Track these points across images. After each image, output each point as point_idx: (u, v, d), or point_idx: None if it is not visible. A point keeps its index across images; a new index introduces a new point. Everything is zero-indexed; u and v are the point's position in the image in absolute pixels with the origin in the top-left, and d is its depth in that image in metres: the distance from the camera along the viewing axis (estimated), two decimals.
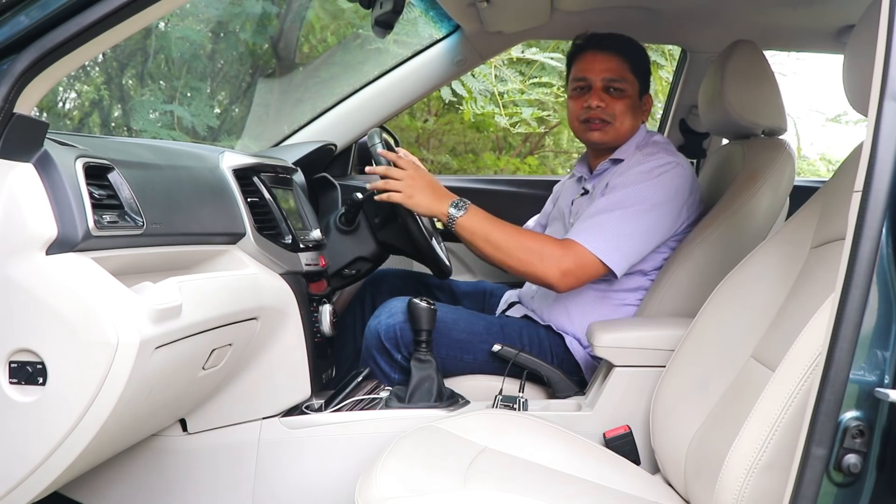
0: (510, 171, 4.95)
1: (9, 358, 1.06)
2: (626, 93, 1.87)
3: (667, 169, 1.78)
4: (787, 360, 1.09)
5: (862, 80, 1.09)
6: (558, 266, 1.70)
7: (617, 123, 1.87)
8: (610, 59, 1.87)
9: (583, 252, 1.71)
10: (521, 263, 1.71)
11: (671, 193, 1.77)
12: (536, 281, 1.74)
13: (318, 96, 3.79)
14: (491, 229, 1.72)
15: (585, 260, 1.71)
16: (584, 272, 1.72)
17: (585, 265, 1.71)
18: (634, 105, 1.89)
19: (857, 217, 0.94)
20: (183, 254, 1.33)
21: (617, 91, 1.86)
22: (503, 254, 1.71)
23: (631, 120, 1.89)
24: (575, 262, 1.70)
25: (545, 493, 1.23)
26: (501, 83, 4.30)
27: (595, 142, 1.92)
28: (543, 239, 1.75)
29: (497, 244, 1.71)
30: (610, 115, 1.87)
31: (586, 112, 1.88)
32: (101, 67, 3.95)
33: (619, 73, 1.86)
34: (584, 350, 1.84)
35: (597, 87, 1.87)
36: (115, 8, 1.06)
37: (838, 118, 5.71)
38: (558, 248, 1.71)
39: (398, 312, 1.74)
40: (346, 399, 1.64)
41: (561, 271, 1.70)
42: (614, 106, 1.87)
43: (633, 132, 1.90)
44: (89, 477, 1.55)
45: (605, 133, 1.88)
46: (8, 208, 1.03)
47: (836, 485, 0.93)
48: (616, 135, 1.89)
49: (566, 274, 1.70)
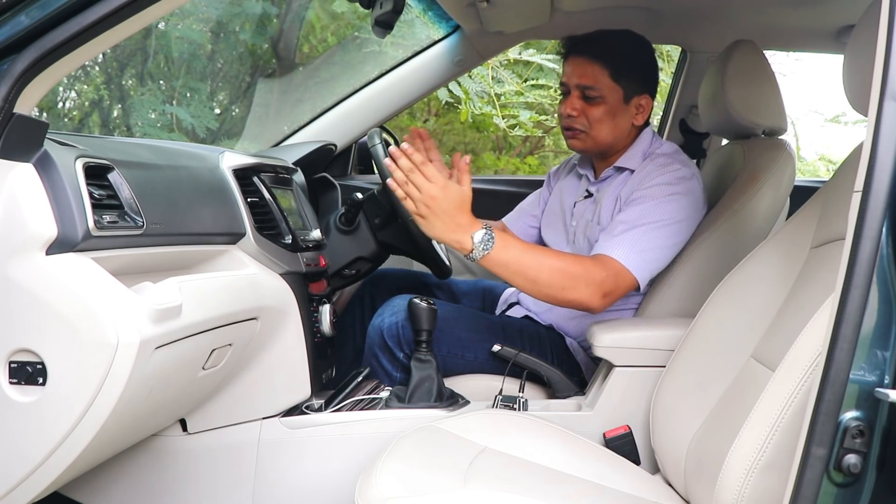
0: (510, 171, 4.95)
1: (9, 358, 1.06)
2: (604, 99, 1.79)
3: (686, 183, 1.75)
4: (787, 360, 1.09)
5: (862, 80, 1.09)
6: (601, 289, 1.61)
7: (593, 132, 1.81)
8: (586, 64, 1.79)
9: (621, 270, 1.64)
10: (563, 292, 1.58)
11: (693, 208, 1.74)
12: (576, 307, 1.63)
13: (318, 96, 3.80)
14: (525, 262, 1.55)
15: (623, 279, 1.64)
16: (621, 291, 1.66)
17: (623, 284, 1.65)
18: (615, 111, 1.81)
19: (857, 217, 0.94)
20: (183, 254, 1.33)
21: (593, 98, 1.79)
22: (542, 286, 1.57)
23: (611, 127, 1.81)
24: (615, 283, 1.63)
25: (545, 493, 1.23)
26: (498, 84, 4.29)
27: (575, 150, 1.89)
28: (581, 261, 1.63)
29: (534, 278, 1.56)
30: (583, 124, 1.81)
31: (563, 119, 1.85)
32: (101, 67, 3.95)
33: (593, 79, 1.78)
34: (584, 350, 1.83)
35: (573, 94, 1.82)
36: (115, 8, 1.06)
37: (837, 119, 5.71)
38: (600, 270, 1.62)
39: (401, 310, 1.74)
40: (346, 399, 1.64)
41: (603, 294, 1.61)
42: (590, 113, 1.80)
43: (617, 138, 1.84)
44: (89, 477, 1.55)
45: (581, 142, 1.83)
46: (8, 208, 1.03)
47: (836, 485, 0.93)
48: (594, 143, 1.83)
49: (607, 295, 1.63)
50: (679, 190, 1.73)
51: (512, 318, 1.92)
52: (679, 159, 1.80)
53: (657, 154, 1.82)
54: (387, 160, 1.53)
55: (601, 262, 1.64)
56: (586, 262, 1.63)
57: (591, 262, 1.63)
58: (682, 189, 1.74)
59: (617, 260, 1.65)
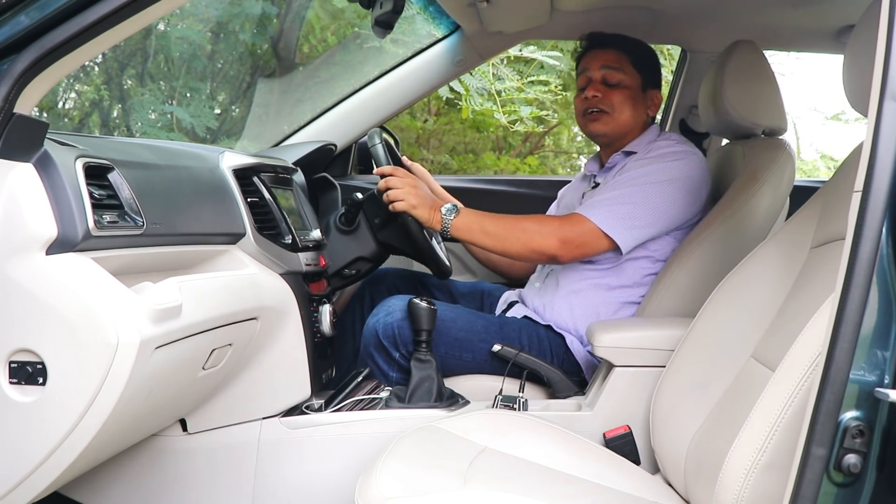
0: (510, 171, 4.95)
1: (9, 358, 1.06)
2: (625, 84, 1.89)
3: (682, 156, 1.81)
4: (787, 360, 1.09)
5: (862, 80, 1.09)
6: (557, 235, 1.72)
7: (616, 114, 1.89)
8: (608, 52, 1.91)
9: (583, 221, 1.73)
10: (522, 244, 1.73)
11: (684, 174, 1.79)
12: (540, 257, 1.77)
13: (318, 96, 3.80)
14: (486, 221, 1.75)
15: (586, 228, 1.73)
16: (585, 241, 1.73)
17: (586, 234, 1.73)
18: (635, 97, 1.90)
19: (857, 217, 0.94)
20: (183, 254, 1.33)
21: (615, 83, 1.89)
22: (504, 241, 1.74)
23: (631, 111, 1.90)
24: (574, 231, 1.73)
25: (545, 493, 1.23)
26: (499, 81, 4.30)
27: (596, 133, 1.93)
28: (541, 217, 1.79)
29: (496, 233, 1.74)
30: (608, 106, 1.89)
31: (585, 103, 1.92)
32: (101, 67, 3.95)
33: (616, 63, 1.89)
34: (584, 350, 1.84)
35: (595, 80, 1.91)
36: (115, 8, 1.06)
37: (838, 116, 5.71)
38: (557, 220, 1.75)
39: (396, 311, 1.74)
40: (346, 399, 1.64)
41: (560, 240, 1.72)
42: (612, 96, 1.89)
43: (635, 124, 1.92)
44: (89, 477, 1.55)
45: (604, 123, 1.90)
46: (8, 208, 1.03)
47: (836, 485, 0.93)
48: (616, 125, 1.90)
49: (566, 242, 1.72)
50: (672, 158, 1.79)
51: (511, 318, 1.92)
52: (682, 141, 1.88)
53: (665, 138, 1.90)
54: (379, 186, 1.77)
55: (563, 217, 1.77)
56: (546, 217, 1.79)
57: (550, 217, 1.78)
58: (675, 158, 1.80)
59: (581, 214, 1.75)
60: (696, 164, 1.82)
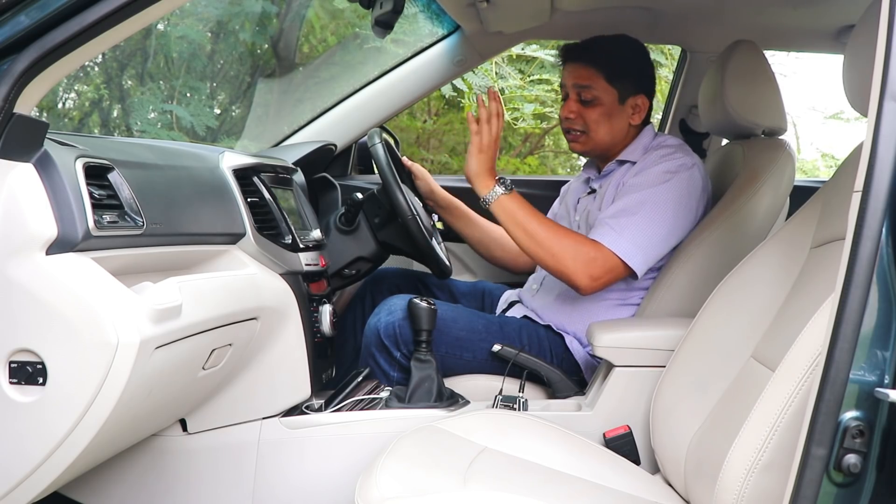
0: (510, 171, 4.95)
1: (9, 358, 1.06)
2: (599, 101, 1.85)
3: (684, 170, 1.78)
4: (787, 360, 1.09)
5: (862, 80, 1.09)
6: (588, 271, 1.70)
7: (592, 133, 1.88)
8: (581, 69, 1.87)
9: (609, 256, 1.71)
10: (553, 258, 1.71)
11: (689, 194, 1.77)
12: (563, 279, 1.74)
13: (318, 96, 3.80)
14: (529, 219, 1.73)
15: (612, 264, 1.72)
16: (610, 277, 1.73)
17: (612, 269, 1.72)
18: (611, 112, 1.87)
19: (857, 217, 0.94)
20: (183, 254, 1.33)
21: (589, 99, 1.86)
22: (536, 244, 1.72)
23: (608, 127, 1.87)
24: (603, 268, 1.71)
25: (545, 493, 1.23)
26: (502, 79, 4.30)
27: (576, 152, 1.95)
28: (577, 237, 1.75)
29: (532, 234, 1.72)
30: (583, 126, 1.88)
31: (563, 122, 1.92)
32: (101, 67, 3.95)
33: (587, 81, 1.85)
34: (584, 350, 1.83)
35: (571, 97, 1.90)
36: (115, 8, 1.05)
37: (837, 115, 5.71)
38: (591, 250, 1.71)
39: (397, 310, 1.74)
40: (346, 399, 1.64)
41: (590, 276, 1.70)
42: (587, 115, 1.87)
43: (616, 137, 1.89)
44: (89, 477, 1.55)
45: (582, 144, 1.90)
46: (8, 208, 1.03)
47: (836, 485, 0.93)
48: (594, 144, 1.89)
49: (595, 279, 1.71)
50: (678, 176, 1.77)
51: (511, 318, 1.92)
52: (682, 149, 1.84)
53: (660, 146, 1.86)
54: (480, 95, 1.80)
55: (595, 245, 1.73)
56: (582, 239, 1.74)
57: (585, 241, 1.73)
58: (680, 175, 1.77)
59: (605, 245, 1.72)
60: (696, 175, 1.80)
